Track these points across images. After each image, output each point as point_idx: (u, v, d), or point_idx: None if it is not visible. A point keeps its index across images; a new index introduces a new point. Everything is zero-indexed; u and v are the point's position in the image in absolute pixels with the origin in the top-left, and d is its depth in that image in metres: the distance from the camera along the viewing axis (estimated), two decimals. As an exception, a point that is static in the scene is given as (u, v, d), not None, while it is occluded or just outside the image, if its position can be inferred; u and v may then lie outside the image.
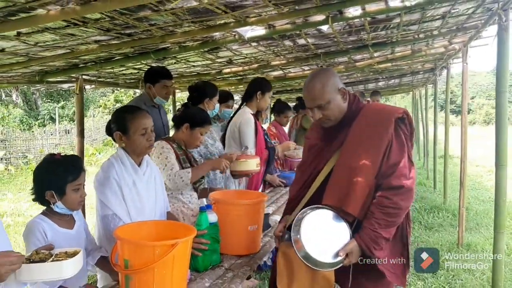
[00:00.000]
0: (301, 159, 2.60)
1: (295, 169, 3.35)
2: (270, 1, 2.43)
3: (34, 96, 25.39)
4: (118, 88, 25.55)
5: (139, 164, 2.43)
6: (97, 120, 23.70)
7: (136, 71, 4.68)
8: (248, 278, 3.55)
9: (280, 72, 6.06)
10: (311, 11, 2.67)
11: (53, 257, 1.71)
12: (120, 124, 2.38)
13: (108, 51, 3.26)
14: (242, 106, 3.93)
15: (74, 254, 1.75)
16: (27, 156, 16.17)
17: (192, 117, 3.05)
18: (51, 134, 19.49)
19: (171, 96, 5.74)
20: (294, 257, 2.04)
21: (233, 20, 2.72)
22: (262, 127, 4.05)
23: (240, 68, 5.13)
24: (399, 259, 2.19)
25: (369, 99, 7.80)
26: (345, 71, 6.34)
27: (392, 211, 2.05)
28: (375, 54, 5.39)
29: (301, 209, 2.19)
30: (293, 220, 2.14)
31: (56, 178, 2.08)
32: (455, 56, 6.39)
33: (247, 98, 3.91)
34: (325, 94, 2.14)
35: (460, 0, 3.14)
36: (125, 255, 1.89)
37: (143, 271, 1.83)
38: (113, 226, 2.26)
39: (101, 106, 26.52)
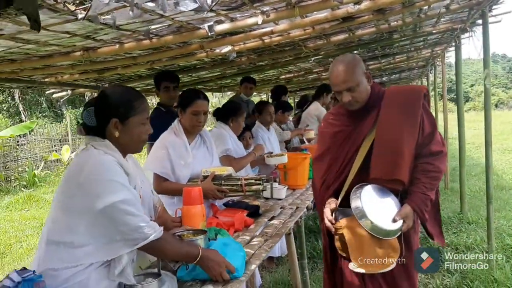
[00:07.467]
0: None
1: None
2: (254, 54, 4.69)
3: (58, 103, 27.80)
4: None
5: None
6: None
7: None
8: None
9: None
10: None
11: None
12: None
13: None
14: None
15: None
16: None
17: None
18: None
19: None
20: (361, 230, 2.14)
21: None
22: None
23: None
24: (434, 221, 2.36)
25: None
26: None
27: (435, 175, 2.20)
28: (382, 61, 7.93)
29: (348, 189, 2.29)
30: (341, 200, 2.32)
31: None
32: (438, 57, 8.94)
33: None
34: (354, 77, 2.20)
35: (430, 36, 5.68)
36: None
37: (293, 169, 4.27)
38: None
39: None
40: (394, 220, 2.13)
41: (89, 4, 2.03)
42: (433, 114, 8.00)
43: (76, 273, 1.72)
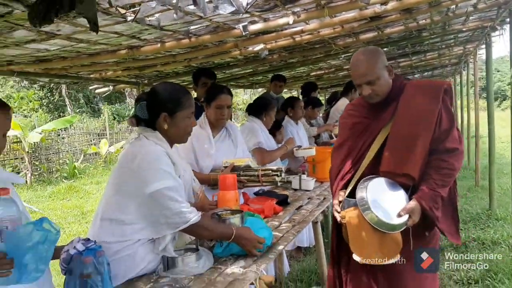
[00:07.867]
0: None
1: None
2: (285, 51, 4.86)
3: (95, 99, 28.64)
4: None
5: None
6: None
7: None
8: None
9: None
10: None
11: None
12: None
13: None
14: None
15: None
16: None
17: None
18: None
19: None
20: (363, 222, 2.10)
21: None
22: None
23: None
24: (451, 219, 2.29)
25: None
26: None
27: (448, 172, 2.14)
28: (413, 58, 7.97)
29: (358, 180, 2.27)
30: (351, 191, 2.27)
31: None
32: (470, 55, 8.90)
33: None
34: (375, 70, 2.18)
35: (461, 34, 5.73)
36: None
37: (321, 162, 4.45)
38: None
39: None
40: (399, 215, 2.07)
41: (138, 8, 2.27)
42: (466, 111, 8.05)
43: (125, 247, 1.97)
